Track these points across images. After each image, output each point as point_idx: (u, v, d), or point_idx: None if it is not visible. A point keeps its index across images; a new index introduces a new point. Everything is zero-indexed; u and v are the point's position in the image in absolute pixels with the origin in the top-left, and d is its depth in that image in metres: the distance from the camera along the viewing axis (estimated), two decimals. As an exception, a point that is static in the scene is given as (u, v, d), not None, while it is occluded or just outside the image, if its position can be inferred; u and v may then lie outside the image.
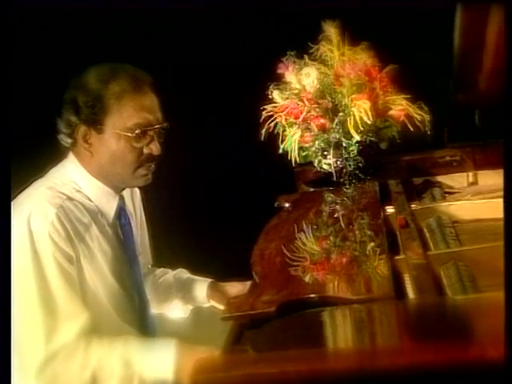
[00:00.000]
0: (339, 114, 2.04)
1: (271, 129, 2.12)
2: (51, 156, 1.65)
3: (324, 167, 2.15)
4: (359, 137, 2.01)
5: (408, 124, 2.06)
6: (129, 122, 1.54)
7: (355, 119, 1.98)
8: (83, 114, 1.53)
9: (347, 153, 2.06)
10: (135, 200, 1.85)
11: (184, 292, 1.91)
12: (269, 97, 2.14)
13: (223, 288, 1.88)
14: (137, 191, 1.85)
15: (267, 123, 2.11)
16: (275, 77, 2.13)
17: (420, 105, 2.08)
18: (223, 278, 1.95)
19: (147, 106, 1.56)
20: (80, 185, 1.60)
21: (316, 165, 2.16)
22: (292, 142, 2.09)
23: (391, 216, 1.82)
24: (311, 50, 2.12)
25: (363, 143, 2.06)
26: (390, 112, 2.08)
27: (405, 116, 2.06)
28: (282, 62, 2.10)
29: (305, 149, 2.12)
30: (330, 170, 2.12)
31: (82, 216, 1.56)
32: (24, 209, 1.49)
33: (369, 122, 1.98)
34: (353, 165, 2.08)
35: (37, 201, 1.51)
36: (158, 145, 1.59)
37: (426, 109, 2.07)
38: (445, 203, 1.90)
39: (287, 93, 2.11)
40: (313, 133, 2.06)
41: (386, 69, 2.13)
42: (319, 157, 2.12)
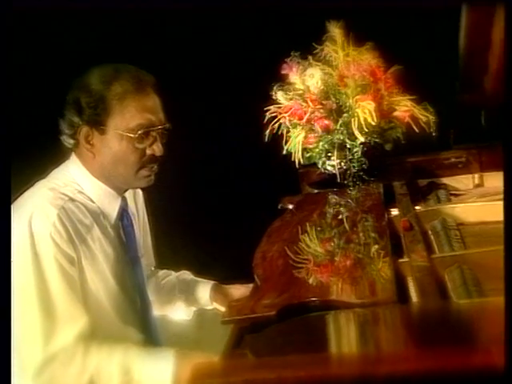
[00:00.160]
0: (343, 115, 2.03)
1: (275, 130, 2.11)
2: (53, 157, 1.64)
3: (328, 168, 2.13)
4: (363, 138, 1.99)
5: (413, 125, 2.04)
6: (131, 123, 1.53)
7: (359, 120, 1.97)
8: (85, 115, 1.53)
9: (351, 154, 2.05)
10: (138, 201, 1.84)
11: (187, 294, 1.89)
12: (273, 98, 2.12)
13: (226, 290, 1.86)
14: (139, 192, 1.84)
15: (271, 124, 2.10)
16: (279, 77, 2.12)
17: (425, 106, 2.06)
18: (226, 280, 1.94)
19: (150, 107, 1.55)
20: (82, 186, 1.59)
21: (320, 166, 2.14)
22: (296, 143, 2.08)
23: (395, 218, 1.80)
24: (315, 51, 2.11)
25: (367, 144, 2.04)
26: (395, 113, 2.06)
27: (410, 117, 2.04)
28: (286, 63, 2.09)
29: (309, 150, 2.10)
30: (334, 172, 2.10)
31: (84, 217, 1.55)
32: (25, 210, 1.49)
33: (373, 123, 1.96)
34: (357, 166, 2.06)
35: (38, 202, 1.50)
36: (161, 146, 1.58)
37: (432, 110, 2.05)
38: (450, 205, 1.88)
39: (291, 94, 2.10)
40: (317, 134, 2.05)
41: (391, 69, 2.11)
42: (323, 158, 2.11)
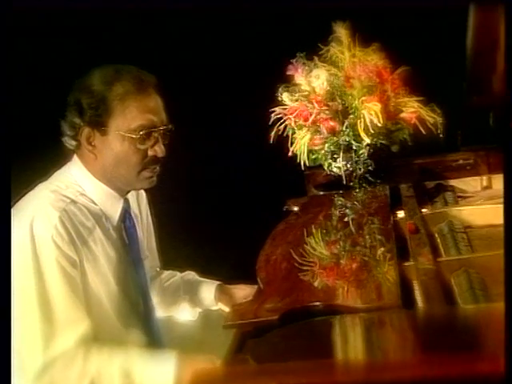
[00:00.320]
0: (349, 117, 2.01)
1: (280, 131, 2.09)
2: (54, 159, 1.63)
3: (334, 170, 2.11)
4: (369, 140, 1.97)
5: (420, 127, 2.02)
6: (133, 124, 1.51)
7: (365, 122, 1.95)
8: (87, 116, 1.51)
9: (357, 156, 2.03)
10: (141, 203, 1.82)
11: (191, 294, 1.88)
12: (278, 99, 2.11)
13: (231, 291, 1.85)
14: (143, 194, 1.83)
15: (277, 126, 2.08)
16: (285, 78, 2.10)
17: (432, 107, 2.04)
18: (231, 281, 1.92)
19: (151, 108, 1.54)
20: (84, 188, 1.57)
21: (326, 168, 2.12)
22: (301, 145, 2.06)
23: (401, 221, 1.78)
24: (321, 52, 2.09)
25: (374, 146, 2.02)
26: (402, 114, 2.04)
27: (416, 118, 2.02)
28: (292, 64, 2.08)
29: (314, 152, 2.08)
30: (340, 174, 2.08)
31: (86, 220, 1.54)
32: (27, 213, 1.47)
33: (379, 125, 1.94)
34: (363, 168, 2.04)
35: (40, 204, 1.49)
36: (163, 147, 1.57)
37: (439, 111, 2.03)
38: (457, 208, 1.86)
39: (297, 95, 2.08)
40: (322, 136, 2.03)
41: (398, 70, 2.09)
42: (329, 160, 2.09)
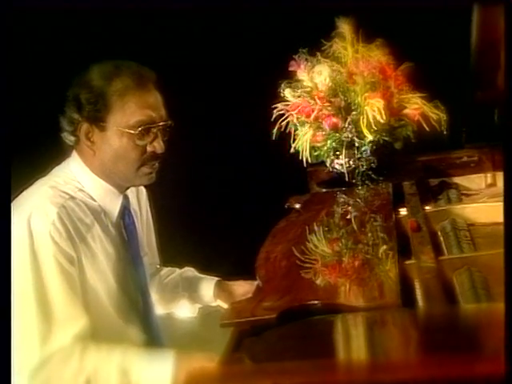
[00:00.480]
0: (352, 113, 1.99)
1: (283, 128, 2.07)
2: (54, 154, 1.62)
3: (336, 167, 2.10)
4: (372, 136, 1.96)
5: (423, 123, 2.00)
6: (131, 119, 1.50)
7: (368, 118, 1.93)
8: (85, 111, 1.50)
9: (360, 153, 2.01)
10: (141, 199, 1.81)
11: (191, 291, 1.87)
12: (280, 95, 2.09)
13: (230, 287, 1.83)
14: (143, 190, 1.81)
15: (279, 122, 2.07)
16: (287, 74, 2.08)
17: (436, 104, 2.02)
18: (232, 277, 1.90)
19: (150, 103, 1.52)
20: (83, 184, 1.56)
21: (328, 165, 2.11)
22: (304, 142, 2.04)
23: (404, 218, 1.76)
24: (324, 47, 2.07)
25: (376, 143, 2.00)
26: (405, 111, 2.02)
27: (420, 115, 2.00)
28: (294, 60, 2.06)
29: (316, 148, 2.07)
30: (343, 171, 2.07)
31: (85, 216, 1.53)
32: (25, 208, 1.46)
33: (382, 121, 1.92)
34: (365, 165, 2.02)
35: (38, 200, 1.48)
36: (162, 143, 1.55)
37: (443, 108, 2.01)
38: (460, 205, 1.84)
39: (299, 91, 2.07)
40: (325, 132, 2.01)
41: (402, 67, 2.07)
42: (331, 156, 2.07)
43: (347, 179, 2.06)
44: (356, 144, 2.01)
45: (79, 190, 1.55)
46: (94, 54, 1.58)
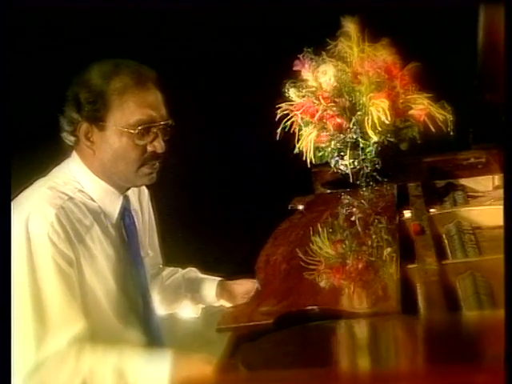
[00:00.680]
0: (357, 113, 1.97)
1: (287, 128, 2.05)
2: (53, 154, 1.60)
3: (341, 168, 2.07)
4: (377, 137, 1.93)
5: (429, 124, 1.97)
6: (131, 119, 1.48)
7: (373, 119, 1.90)
8: (85, 111, 1.48)
9: (364, 154, 1.98)
10: (143, 199, 1.79)
11: (193, 292, 1.85)
12: (285, 95, 2.07)
13: (232, 286, 1.81)
14: (145, 190, 1.80)
15: (283, 122, 2.04)
16: (292, 74, 2.06)
17: (442, 104, 1.99)
18: (235, 278, 1.88)
19: (150, 102, 1.50)
20: (83, 184, 1.54)
21: (332, 165, 2.08)
22: (308, 142, 2.02)
23: (408, 221, 1.74)
24: (329, 47, 2.04)
25: (381, 144, 1.98)
26: (411, 111, 2.00)
27: (426, 116, 1.98)
28: (299, 59, 2.03)
29: (321, 149, 2.04)
30: (347, 171, 2.04)
31: (84, 217, 1.51)
32: (23, 210, 1.44)
33: (387, 122, 1.89)
34: (370, 166, 2.00)
35: (36, 202, 1.46)
36: (162, 142, 1.53)
37: (449, 108, 1.98)
38: (466, 208, 1.81)
39: (304, 91, 2.04)
40: (329, 133, 1.99)
41: (408, 66, 2.04)
42: (336, 157, 2.05)
43: (351, 180, 2.03)
44: (361, 145, 1.98)
45: (78, 191, 1.53)
46: (94, 53, 1.56)
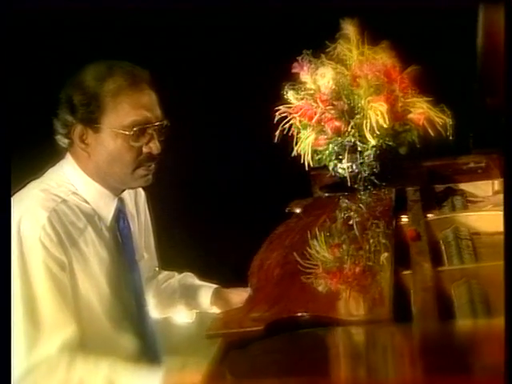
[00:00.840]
0: (356, 117, 1.95)
1: (285, 130, 2.04)
2: (51, 155, 1.59)
3: (339, 171, 2.05)
4: (375, 141, 1.91)
5: (428, 128, 1.96)
6: (125, 120, 1.47)
7: (371, 122, 1.89)
8: (79, 113, 1.47)
9: (362, 157, 1.97)
10: (139, 201, 1.77)
11: (188, 298, 1.83)
12: (284, 97, 2.05)
13: (228, 295, 1.79)
14: (141, 192, 1.78)
15: (281, 124, 2.03)
16: (291, 76, 2.05)
17: (442, 108, 1.97)
18: (232, 282, 1.86)
19: (144, 103, 1.49)
20: (77, 186, 1.53)
21: (331, 169, 2.07)
22: (306, 145, 2.00)
23: (406, 226, 1.72)
24: (328, 49, 2.03)
25: (380, 147, 1.96)
26: (410, 115, 1.98)
27: (425, 120, 1.96)
28: (297, 62, 2.02)
29: (319, 152, 2.03)
30: (345, 175, 2.02)
31: (77, 220, 1.50)
32: (15, 213, 1.42)
33: (385, 126, 1.88)
34: (368, 170, 1.98)
35: (28, 204, 1.45)
36: (158, 143, 1.52)
37: (449, 112, 1.97)
38: (464, 213, 1.79)
39: (302, 93, 2.03)
40: (327, 136, 1.97)
41: (408, 70, 2.02)
42: (334, 161, 2.03)
43: (349, 184, 2.02)
44: (359, 148, 1.96)
45: (72, 193, 1.52)
46: (89, 54, 1.55)
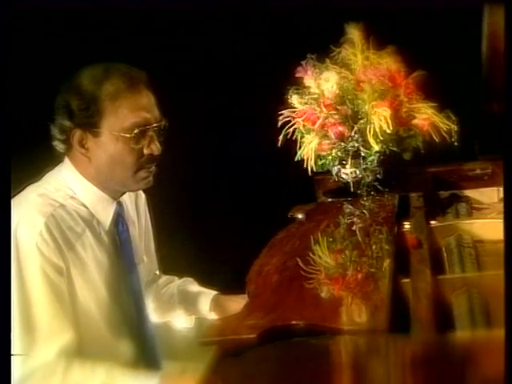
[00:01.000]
0: (359, 122, 1.93)
1: (289, 134, 2.02)
2: (51, 157, 1.58)
3: (343, 177, 2.03)
4: (378, 146, 1.89)
5: (433, 134, 1.93)
6: (126, 123, 1.46)
7: (375, 128, 1.87)
8: (77, 118, 1.46)
9: (365, 163, 1.95)
10: (140, 204, 1.77)
11: (187, 303, 1.82)
12: (288, 101, 2.04)
13: (227, 302, 1.77)
14: (142, 195, 1.78)
15: (285, 129, 2.01)
16: (295, 80, 2.03)
17: (447, 114, 1.95)
18: (232, 288, 1.85)
19: (144, 105, 1.48)
20: (75, 191, 1.52)
21: (334, 174, 2.05)
22: (309, 150, 1.99)
23: (408, 232, 1.70)
24: (333, 54, 2.01)
25: (383, 153, 1.94)
26: (414, 121, 1.95)
27: (429, 126, 1.93)
28: (301, 66, 2.00)
29: (322, 157, 2.01)
30: (349, 180, 2.01)
31: (75, 224, 1.49)
32: (12, 218, 1.42)
33: (388, 131, 1.86)
34: (371, 176, 1.96)
35: (25, 210, 1.44)
36: (158, 144, 1.52)
37: (454, 118, 1.94)
38: (467, 220, 1.77)
39: (306, 97, 2.01)
40: (330, 141, 1.95)
41: (413, 75, 2.00)
42: (337, 166, 2.01)
43: (352, 189, 2.00)
44: (362, 154, 1.94)
45: (70, 198, 1.51)
46: (89, 54, 1.55)
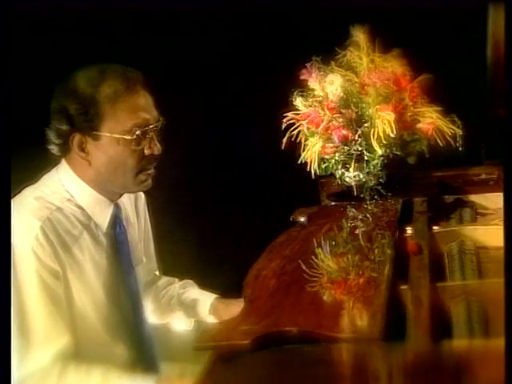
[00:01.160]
0: (364, 125, 1.91)
1: (294, 137, 2.01)
2: (49, 158, 1.58)
3: (346, 180, 2.02)
4: (382, 150, 1.88)
5: (437, 139, 1.92)
6: (126, 125, 1.45)
7: (378, 132, 1.85)
8: (76, 122, 1.44)
9: (369, 167, 1.93)
10: (139, 205, 1.76)
11: (186, 306, 1.81)
12: (293, 103, 2.03)
13: (226, 306, 1.76)
14: (141, 196, 1.76)
15: (289, 131, 2.01)
16: (300, 83, 2.02)
17: (453, 118, 1.93)
18: (232, 291, 1.84)
19: (142, 105, 1.47)
20: (72, 193, 1.51)
21: (338, 177, 2.03)
22: (312, 153, 1.97)
23: (409, 238, 1.68)
24: (338, 56, 2.00)
25: (387, 157, 1.92)
26: (419, 125, 1.94)
27: (434, 130, 1.92)
28: (306, 68, 1.99)
29: (325, 160, 2.00)
30: (352, 184, 1.99)
31: (72, 227, 1.48)
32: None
33: (392, 135, 1.84)
34: (374, 180, 1.94)
35: (21, 214, 1.43)
36: (158, 144, 1.51)
37: (459, 123, 1.92)
38: (470, 226, 1.75)
39: (310, 100, 2.00)
40: (333, 144, 1.94)
41: (418, 78, 1.98)
42: (341, 169, 2.00)
43: (355, 193, 1.99)
44: (366, 158, 1.93)
45: (67, 200, 1.50)
46: (88, 55, 1.54)
